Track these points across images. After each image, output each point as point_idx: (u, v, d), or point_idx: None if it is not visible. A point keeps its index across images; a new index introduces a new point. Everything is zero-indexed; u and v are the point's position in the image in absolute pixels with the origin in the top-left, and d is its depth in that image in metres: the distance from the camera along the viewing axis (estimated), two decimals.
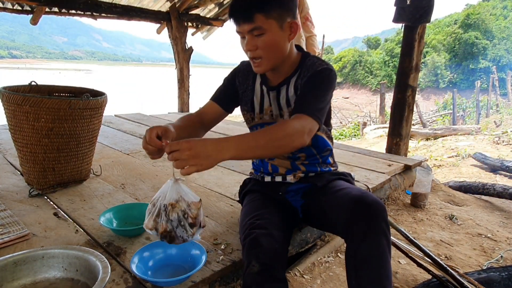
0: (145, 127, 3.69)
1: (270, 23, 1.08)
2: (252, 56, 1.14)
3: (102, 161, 2.39)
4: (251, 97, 1.31)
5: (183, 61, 4.88)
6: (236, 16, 1.10)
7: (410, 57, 2.76)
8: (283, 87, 1.24)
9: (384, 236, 0.99)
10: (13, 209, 1.56)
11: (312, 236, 1.64)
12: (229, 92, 1.36)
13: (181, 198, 1.06)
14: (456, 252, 1.74)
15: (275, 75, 1.25)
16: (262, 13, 1.06)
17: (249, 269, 0.99)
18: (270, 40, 1.10)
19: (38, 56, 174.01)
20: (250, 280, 0.98)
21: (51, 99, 1.64)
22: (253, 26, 1.08)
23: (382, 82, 14.56)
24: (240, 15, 1.09)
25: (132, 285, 1.10)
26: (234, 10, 1.11)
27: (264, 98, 1.29)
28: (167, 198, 1.05)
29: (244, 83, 1.33)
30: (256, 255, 1.01)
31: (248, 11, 1.07)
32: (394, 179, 2.44)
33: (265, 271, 0.98)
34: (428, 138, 7.75)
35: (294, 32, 1.14)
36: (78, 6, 3.89)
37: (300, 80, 1.20)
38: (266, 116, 1.29)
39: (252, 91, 1.31)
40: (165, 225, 1.05)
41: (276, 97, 1.26)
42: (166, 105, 8.42)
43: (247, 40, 1.12)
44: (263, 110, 1.30)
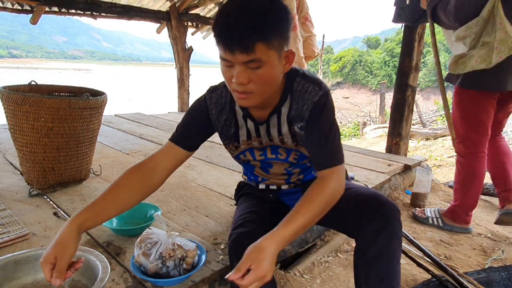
0: (145, 127, 3.69)
1: (271, 55, 0.89)
2: (242, 90, 0.92)
3: (102, 160, 2.39)
4: (234, 130, 1.16)
5: (183, 61, 4.88)
6: (229, 43, 0.86)
7: (410, 57, 2.77)
8: (273, 117, 1.09)
9: (397, 237, 0.98)
10: (13, 209, 1.56)
11: (312, 236, 1.64)
12: (200, 131, 1.16)
13: (177, 247, 1.09)
14: (456, 252, 1.75)
15: (262, 109, 1.08)
16: (264, 42, 0.86)
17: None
18: (267, 73, 0.90)
19: (38, 55, 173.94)
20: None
21: (51, 98, 1.65)
22: (252, 57, 0.86)
23: (382, 82, 14.57)
24: (236, 42, 0.85)
25: (131, 284, 1.10)
26: (227, 35, 0.86)
27: (250, 131, 1.14)
28: (162, 247, 1.07)
29: (220, 119, 1.14)
30: (237, 256, 0.97)
31: (247, 38, 0.84)
32: (394, 179, 2.44)
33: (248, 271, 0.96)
34: (428, 138, 7.75)
35: (290, 63, 0.97)
36: (78, 5, 3.89)
37: (294, 112, 1.06)
38: (255, 143, 1.17)
39: (235, 125, 1.15)
40: (159, 269, 1.07)
41: (267, 129, 1.12)
42: (166, 104, 8.42)
43: (237, 72, 0.89)
44: (251, 138, 1.16)
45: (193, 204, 1.74)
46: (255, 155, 1.20)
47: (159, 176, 1.11)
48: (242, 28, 0.84)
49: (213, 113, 1.14)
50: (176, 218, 1.58)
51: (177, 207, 1.70)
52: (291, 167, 1.22)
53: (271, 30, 0.87)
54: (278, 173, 1.24)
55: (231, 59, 0.88)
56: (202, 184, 2.03)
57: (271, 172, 1.25)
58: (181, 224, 1.53)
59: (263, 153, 1.19)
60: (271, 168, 1.24)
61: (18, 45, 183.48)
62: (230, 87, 0.96)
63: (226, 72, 0.92)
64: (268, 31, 0.86)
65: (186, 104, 5.08)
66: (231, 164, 2.44)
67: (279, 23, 0.88)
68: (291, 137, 1.11)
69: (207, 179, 2.11)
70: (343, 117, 16.23)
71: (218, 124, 1.16)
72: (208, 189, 1.97)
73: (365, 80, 31.69)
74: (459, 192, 1.95)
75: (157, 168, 1.10)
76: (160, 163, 1.11)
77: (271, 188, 1.30)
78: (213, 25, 0.89)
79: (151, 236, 1.11)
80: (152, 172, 1.09)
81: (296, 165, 1.21)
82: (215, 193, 1.90)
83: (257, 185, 1.35)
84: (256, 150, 1.19)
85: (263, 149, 1.18)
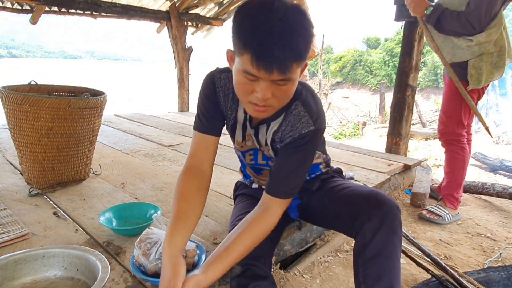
0: (145, 127, 3.69)
1: (297, 72, 0.88)
2: (263, 104, 0.90)
3: (102, 160, 2.39)
4: (232, 123, 1.15)
5: (183, 61, 4.87)
6: (268, 64, 0.81)
7: (410, 57, 2.77)
8: (263, 126, 1.09)
9: (397, 235, 0.98)
10: (12, 209, 1.56)
11: (311, 236, 1.64)
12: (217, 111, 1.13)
13: None
14: (456, 252, 1.75)
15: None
16: (298, 62, 0.85)
17: (232, 273, 0.99)
18: (290, 89, 0.90)
19: (37, 55, 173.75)
20: (234, 282, 0.98)
21: (51, 98, 1.65)
22: (285, 77, 0.85)
23: (382, 81, 14.55)
24: (275, 63, 0.81)
25: (131, 284, 1.10)
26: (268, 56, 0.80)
27: (247, 128, 1.14)
28: (161, 249, 1.06)
29: (227, 103, 1.12)
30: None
31: (288, 61, 0.82)
32: (393, 179, 2.44)
33: (247, 271, 0.98)
34: (428, 137, 7.75)
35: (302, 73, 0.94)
36: (77, 5, 3.89)
37: (281, 133, 1.06)
38: (248, 142, 1.17)
39: (235, 118, 1.14)
40: (158, 269, 1.06)
41: (255, 134, 1.13)
42: (166, 104, 8.42)
43: (264, 87, 0.86)
44: (245, 137, 1.17)
45: None
46: (245, 157, 1.22)
47: (208, 170, 1.13)
48: (283, 50, 0.80)
49: (220, 95, 1.11)
50: None
51: None
52: None
53: (306, 51, 0.86)
54: None
55: (263, 76, 0.84)
56: None
57: (263, 174, 1.28)
58: None
59: (254, 156, 1.20)
60: (262, 171, 1.27)
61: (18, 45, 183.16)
62: (245, 99, 0.92)
63: (246, 84, 0.88)
64: (304, 53, 0.85)
65: (186, 104, 5.08)
66: (231, 164, 2.44)
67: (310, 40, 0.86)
68: (273, 151, 1.12)
69: None
70: (343, 116, 16.22)
71: (222, 104, 1.12)
72: None
73: (365, 80, 31.64)
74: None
75: (203, 164, 1.12)
76: (203, 159, 1.13)
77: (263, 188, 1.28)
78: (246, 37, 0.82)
79: (150, 236, 1.11)
80: (201, 171, 1.11)
81: None
82: (214, 193, 1.90)
83: (251, 184, 1.37)
84: (248, 153, 1.19)
85: (254, 152, 1.18)
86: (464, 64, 1.88)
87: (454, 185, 2.11)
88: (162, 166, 2.37)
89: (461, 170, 2.09)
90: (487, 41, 1.78)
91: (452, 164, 2.10)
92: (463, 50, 1.85)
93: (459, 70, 1.90)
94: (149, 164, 2.38)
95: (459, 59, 1.89)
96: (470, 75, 1.87)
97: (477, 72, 1.86)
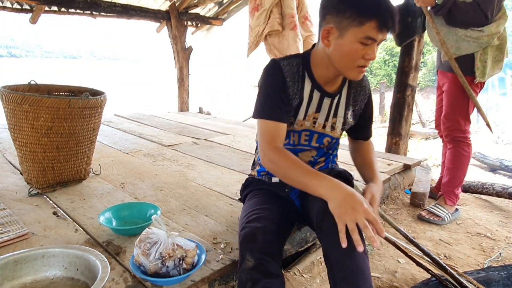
0: (145, 126, 3.69)
1: None
2: (364, 66, 1.07)
3: (102, 160, 2.39)
4: (297, 102, 1.20)
5: (182, 60, 4.87)
6: (387, 23, 1.00)
7: (410, 57, 2.76)
8: (336, 96, 1.23)
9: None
10: (12, 208, 1.56)
11: (311, 235, 1.64)
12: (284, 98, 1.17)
13: (177, 247, 1.10)
14: (455, 252, 1.75)
15: (331, 83, 1.21)
16: None
17: (244, 264, 0.99)
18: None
19: (37, 55, 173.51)
20: (245, 275, 0.97)
21: (51, 98, 1.64)
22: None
23: (381, 81, 14.54)
24: (391, 23, 1.01)
25: (131, 284, 1.10)
26: (387, 16, 0.99)
27: (311, 103, 1.21)
28: (162, 247, 1.08)
29: (294, 85, 1.18)
30: (251, 249, 1.00)
31: (395, 20, 1.01)
32: (393, 179, 2.44)
33: (260, 266, 0.98)
34: (427, 137, 7.75)
35: None
36: (77, 5, 3.89)
37: (354, 95, 1.26)
38: (307, 123, 1.24)
39: (301, 96, 1.19)
40: (158, 269, 1.07)
41: (329, 104, 1.23)
42: (166, 104, 8.41)
43: (376, 49, 1.05)
44: (306, 117, 1.23)
45: (192, 204, 1.74)
46: (301, 137, 1.27)
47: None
48: (395, 13, 1.01)
49: (288, 77, 1.17)
50: (175, 217, 1.58)
51: (177, 207, 1.70)
52: (318, 155, 1.32)
53: None
54: (305, 160, 1.30)
55: (380, 37, 1.01)
56: (201, 184, 2.03)
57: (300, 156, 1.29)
58: (180, 223, 1.53)
59: (309, 137, 1.27)
60: (300, 153, 1.30)
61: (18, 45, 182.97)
62: (353, 65, 1.07)
63: (360, 51, 1.03)
64: None
65: (185, 103, 5.08)
66: (231, 163, 2.44)
67: None
68: (343, 122, 1.27)
69: (206, 179, 2.11)
70: None
71: (290, 90, 1.18)
72: (208, 188, 1.97)
73: None
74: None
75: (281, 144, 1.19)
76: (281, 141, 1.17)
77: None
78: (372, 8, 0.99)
79: (150, 236, 1.11)
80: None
81: (323, 152, 1.32)
82: (214, 193, 1.90)
83: (270, 179, 1.34)
84: (304, 133, 1.25)
85: (311, 133, 1.26)
86: (469, 57, 1.89)
87: (456, 182, 2.11)
88: (162, 165, 2.37)
89: (465, 167, 2.09)
90: (497, 32, 1.80)
91: (457, 161, 2.09)
92: (469, 42, 1.85)
93: (464, 64, 1.90)
94: (149, 164, 2.38)
95: (465, 52, 1.88)
96: (477, 68, 1.88)
97: (482, 65, 1.87)
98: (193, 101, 5.32)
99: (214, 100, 15.51)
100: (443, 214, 2.07)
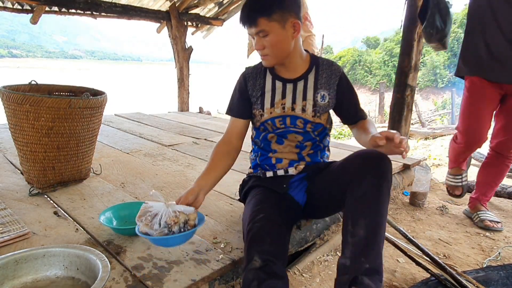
0: (145, 126, 3.69)
1: (272, 25, 1.18)
2: (261, 54, 1.26)
3: (102, 160, 2.39)
4: (260, 94, 1.38)
5: (182, 60, 4.88)
6: (243, 21, 1.22)
7: (409, 57, 2.77)
8: (300, 82, 1.35)
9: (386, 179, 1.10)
10: (13, 208, 1.57)
11: (311, 235, 1.65)
12: (245, 100, 1.41)
13: (179, 213, 1.19)
14: (455, 251, 1.75)
15: (290, 71, 1.35)
16: (264, 17, 1.17)
17: (251, 264, 1.01)
18: (273, 40, 1.21)
19: (38, 55, 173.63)
20: (252, 275, 0.99)
21: (51, 98, 1.65)
22: (258, 29, 1.19)
23: (381, 81, 14.57)
24: (245, 20, 1.21)
25: (132, 283, 1.11)
26: (241, 16, 1.22)
27: (276, 92, 1.36)
28: (165, 217, 1.17)
29: (255, 84, 1.39)
30: (258, 250, 1.03)
31: (252, 16, 1.18)
32: (393, 178, 2.44)
33: (267, 267, 1.00)
34: (427, 137, 7.76)
35: (297, 30, 1.23)
36: (78, 5, 3.90)
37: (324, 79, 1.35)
38: (277, 110, 1.36)
39: (262, 88, 1.38)
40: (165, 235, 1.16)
41: (293, 90, 1.35)
42: (166, 104, 8.41)
43: (256, 40, 1.24)
44: (274, 104, 1.36)
45: None
46: (275, 123, 1.37)
47: (235, 142, 1.45)
48: (248, 9, 1.19)
49: (250, 80, 1.40)
50: None
51: None
52: (305, 139, 1.39)
53: (271, 7, 1.16)
54: (291, 145, 1.40)
55: (248, 32, 1.24)
56: None
57: (285, 144, 1.40)
58: None
59: (282, 121, 1.36)
60: (286, 139, 1.40)
61: (18, 45, 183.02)
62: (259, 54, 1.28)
63: (253, 42, 1.26)
64: (267, 9, 1.16)
65: (186, 103, 5.08)
66: None
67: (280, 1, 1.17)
68: (312, 105, 1.34)
69: None
70: None
71: (251, 90, 1.39)
72: None
73: (365, 79, 31.66)
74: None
75: (231, 138, 1.45)
76: (232, 135, 1.45)
77: (279, 174, 1.40)
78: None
79: (149, 210, 1.19)
80: (230, 142, 1.45)
81: (310, 137, 1.39)
82: (214, 192, 1.91)
83: (264, 174, 1.42)
84: (277, 119, 1.36)
85: (283, 117, 1.36)
86: None
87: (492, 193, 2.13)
88: (162, 165, 2.37)
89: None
90: None
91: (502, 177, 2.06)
92: None
93: None
94: (149, 164, 2.39)
95: None
96: None
97: None
98: (193, 101, 5.33)
99: (214, 100, 15.51)
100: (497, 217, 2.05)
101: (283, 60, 1.29)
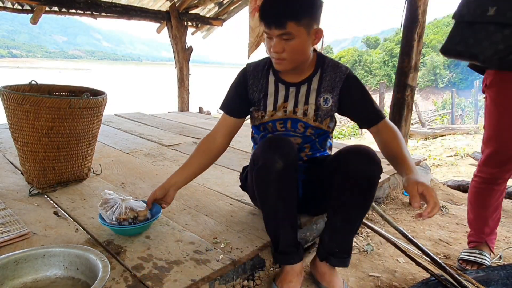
0: (145, 126, 3.69)
1: (300, 30, 1.14)
2: (278, 57, 1.19)
3: (102, 160, 2.39)
4: (263, 95, 1.35)
5: (183, 61, 4.88)
6: (268, 21, 1.14)
7: (409, 57, 2.77)
8: (304, 85, 1.32)
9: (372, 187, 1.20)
10: (13, 208, 1.57)
11: (311, 235, 1.65)
12: (241, 98, 1.38)
13: (128, 211, 1.34)
14: (455, 251, 1.75)
15: (294, 75, 1.31)
16: (294, 21, 1.12)
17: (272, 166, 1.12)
18: (297, 45, 1.16)
19: (38, 55, 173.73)
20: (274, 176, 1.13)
21: (51, 98, 1.65)
22: (284, 31, 1.13)
23: (381, 81, 14.57)
24: (272, 20, 1.13)
25: (132, 283, 1.11)
26: (267, 15, 1.14)
27: (279, 95, 1.34)
28: (117, 211, 1.33)
29: (257, 84, 1.36)
30: (281, 153, 1.12)
31: (281, 18, 1.11)
32: (393, 178, 2.44)
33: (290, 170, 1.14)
34: (427, 137, 7.76)
35: (318, 38, 1.21)
36: (78, 5, 3.90)
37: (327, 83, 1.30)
38: (279, 113, 1.35)
39: (265, 90, 1.35)
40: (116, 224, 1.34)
41: (296, 94, 1.32)
42: (166, 104, 8.42)
43: (275, 42, 1.16)
44: (276, 108, 1.35)
45: (193, 204, 1.75)
46: (276, 125, 1.37)
47: (219, 140, 1.42)
48: (277, 10, 1.12)
49: (251, 79, 1.37)
50: (176, 217, 1.59)
51: (177, 206, 1.70)
52: (304, 142, 1.39)
53: (302, 11, 1.12)
54: None
55: (270, 32, 1.15)
56: (202, 184, 2.03)
57: None
58: (181, 223, 1.53)
59: (283, 124, 1.36)
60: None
61: (19, 45, 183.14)
62: (270, 55, 1.22)
63: (268, 43, 1.20)
64: (299, 13, 1.12)
65: (186, 103, 5.09)
66: (231, 164, 2.44)
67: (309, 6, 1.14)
68: (315, 109, 1.32)
69: (207, 179, 2.12)
70: (342, 117, 16.25)
71: (251, 90, 1.37)
72: (208, 188, 1.97)
73: (365, 79, 31.67)
74: None
75: (216, 135, 1.42)
76: (218, 132, 1.43)
77: None
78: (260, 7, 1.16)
79: (109, 201, 1.33)
80: (214, 140, 1.42)
81: (309, 139, 1.39)
82: (215, 192, 1.91)
83: None
84: (278, 122, 1.36)
85: (284, 121, 1.35)
86: None
87: None
88: (162, 165, 2.37)
89: None
90: None
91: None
92: None
93: None
94: (149, 164, 2.39)
95: None
96: None
97: None
98: (193, 101, 5.33)
99: (214, 100, 15.52)
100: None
101: (298, 66, 1.25)
